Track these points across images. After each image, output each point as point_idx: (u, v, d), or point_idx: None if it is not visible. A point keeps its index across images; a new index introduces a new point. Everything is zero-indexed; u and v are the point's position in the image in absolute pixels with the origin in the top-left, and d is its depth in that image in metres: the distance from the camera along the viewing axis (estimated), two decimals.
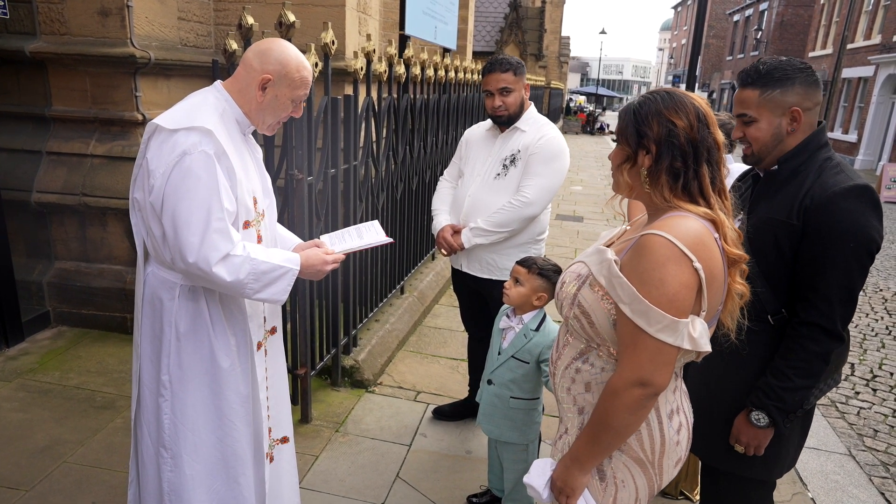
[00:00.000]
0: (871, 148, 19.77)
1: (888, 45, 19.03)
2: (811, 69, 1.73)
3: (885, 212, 8.59)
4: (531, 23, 21.55)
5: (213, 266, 1.60)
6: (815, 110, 1.73)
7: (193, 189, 1.58)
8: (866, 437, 3.56)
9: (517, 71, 2.72)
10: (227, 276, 1.63)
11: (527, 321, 2.23)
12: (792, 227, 1.66)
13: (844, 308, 1.63)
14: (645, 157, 1.31)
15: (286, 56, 1.73)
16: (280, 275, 1.73)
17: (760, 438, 1.74)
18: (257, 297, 1.72)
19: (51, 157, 3.94)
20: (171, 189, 1.58)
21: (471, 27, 10.47)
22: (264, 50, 1.73)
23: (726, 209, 1.33)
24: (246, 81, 1.74)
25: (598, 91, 44.15)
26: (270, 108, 1.78)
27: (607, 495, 1.39)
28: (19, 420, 2.97)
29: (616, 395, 1.28)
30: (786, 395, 1.66)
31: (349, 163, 3.33)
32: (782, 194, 1.72)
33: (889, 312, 5.90)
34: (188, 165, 1.58)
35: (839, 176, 1.64)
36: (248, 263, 1.66)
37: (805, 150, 1.71)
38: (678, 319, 1.22)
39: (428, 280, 5.00)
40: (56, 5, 3.76)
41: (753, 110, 1.72)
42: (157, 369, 1.76)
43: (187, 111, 1.67)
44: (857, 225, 1.59)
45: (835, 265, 1.60)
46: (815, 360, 1.65)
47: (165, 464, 1.79)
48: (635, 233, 1.38)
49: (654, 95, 1.33)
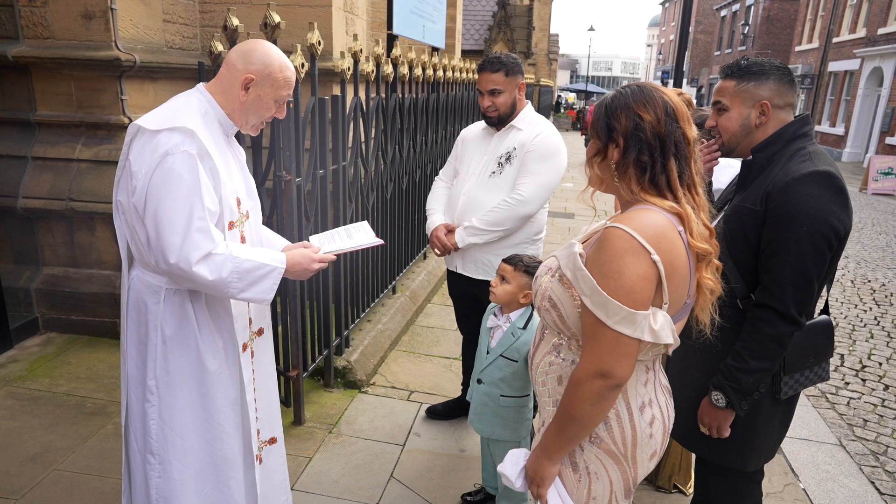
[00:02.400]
0: (858, 140, 19.95)
1: (873, 38, 19.20)
2: (788, 70, 1.78)
3: (872, 203, 8.59)
4: (520, 20, 21.56)
5: (194, 265, 1.59)
6: (788, 110, 1.77)
7: (175, 189, 1.57)
8: (856, 427, 3.60)
9: (509, 71, 2.66)
10: (209, 275, 1.61)
11: (514, 319, 2.24)
12: (756, 214, 1.69)
13: (798, 291, 1.62)
14: (614, 151, 1.33)
15: (269, 56, 1.73)
16: (265, 273, 1.71)
17: (721, 419, 1.76)
18: (242, 297, 1.71)
19: (37, 162, 3.90)
20: (153, 189, 1.57)
21: (459, 26, 10.47)
22: (247, 50, 1.73)
23: (696, 204, 1.33)
24: (229, 82, 1.74)
25: (587, 88, 44.18)
26: (254, 109, 1.77)
27: (581, 487, 1.40)
28: (9, 428, 2.94)
29: (578, 386, 1.29)
30: (741, 376, 1.68)
31: (338, 163, 3.32)
32: (756, 183, 1.76)
33: (877, 303, 5.95)
34: (170, 165, 1.57)
35: (804, 163, 1.66)
36: (231, 262, 1.64)
37: (779, 139, 1.75)
38: (636, 311, 1.23)
39: (420, 279, 5.00)
40: (39, 9, 3.72)
41: (727, 99, 1.79)
42: (144, 374, 1.75)
43: (169, 112, 1.67)
44: (811, 209, 1.59)
45: (787, 249, 1.61)
46: (769, 342, 1.65)
47: (153, 470, 1.78)
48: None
49: (625, 90, 1.35)
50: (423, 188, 4.76)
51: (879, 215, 10.80)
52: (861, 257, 7.73)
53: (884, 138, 17.84)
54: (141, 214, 1.61)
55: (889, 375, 4.32)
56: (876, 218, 10.52)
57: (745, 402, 1.71)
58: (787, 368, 1.76)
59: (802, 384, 1.81)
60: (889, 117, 17.73)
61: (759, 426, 1.80)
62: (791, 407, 1.88)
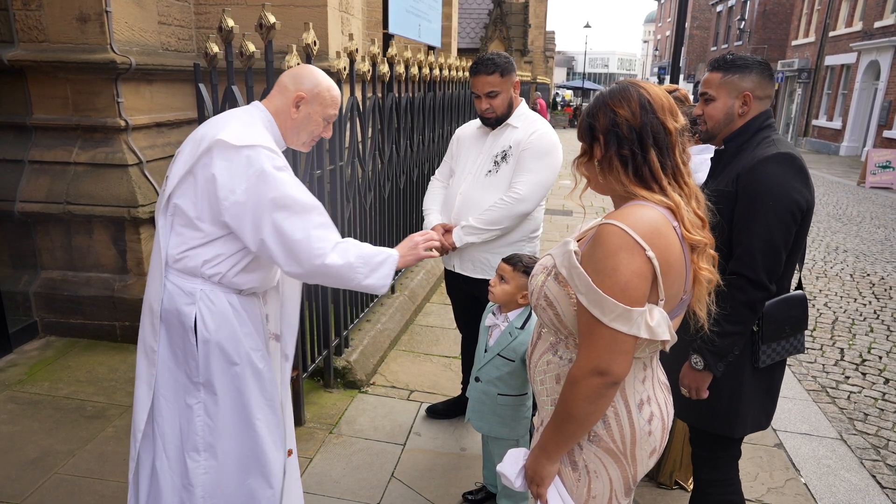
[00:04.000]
0: (856, 134, 19.95)
1: (869, 31, 19.20)
2: (768, 65, 1.98)
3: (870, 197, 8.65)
4: (515, 18, 21.56)
5: (327, 257, 1.72)
6: (766, 102, 1.96)
7: (285, 197, 1.69)
8: (857, 421, 3.60)
9: (504, 71, 2.65)
10: (340, 260, 1.74)
11: (512, 319, 2.24)
12: (729, 194, 1.84)
13: (766, 260, 1.78)
14: (597, 149, 1.36)
15: (318, 77, 1.89)
16: (383, 259, 1.84)
17: (699, 381, 1.91)
18: (365, 284, 1.81)
19: (33, 165, 3.89)
20: (263, 203, 1.68)
21: (455, 24, 10.46)
22: (297, 73, 1.90)
23: (685, 193, 1.34)
24: (281, 101, 1.88)
25: (584, 85, 44.27)
26: (304, 126, 1.91)
27: (581, 486, 1.40)
28: (9, 432, 2.94)
29: (575, 384, 1.29)
30: (716, 339, 1.78)
31: (335, 163, 3.32)
32: (727, 169, 1.94)
33: (877, 297, 5.96)
34: (274, 177, 1.69)
35: (769, 147, 1.86)
36: (355, 248, 1.79)
37: (747, 130, 1.94)
38: (632, 308, 1.22)
39: (419, 279, 5.00)
40: (34, 12, 3.71)
41: (714, 90, 1.96)
42: (184, 375, 1.81)
43: (243, 127, 1.76)
44: (776, 185, 1.78)
45: (755, 220, 1.79)
46: (742, 307, 1.80)
47: (199, 467, 1.82)
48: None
49: (605, 90, 1.38)
50: (421, 187, 4.75)
51: (878, 209, 10.80)
52: (860, 251, 7.73)
53: (881, 132, 17.84)
54: (242, 226, 1.70)
55: (889, 369, 4.33)
56: (874, 212, 10.52)
57: (721, 364, 1.86)
58: (765, 338, 1.89)
59: (780, 354, 1.95)
60: (886, 111, 17.73)
61: (743, 395, 1.94)
62: (775, 378, 2.02)
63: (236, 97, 2.82)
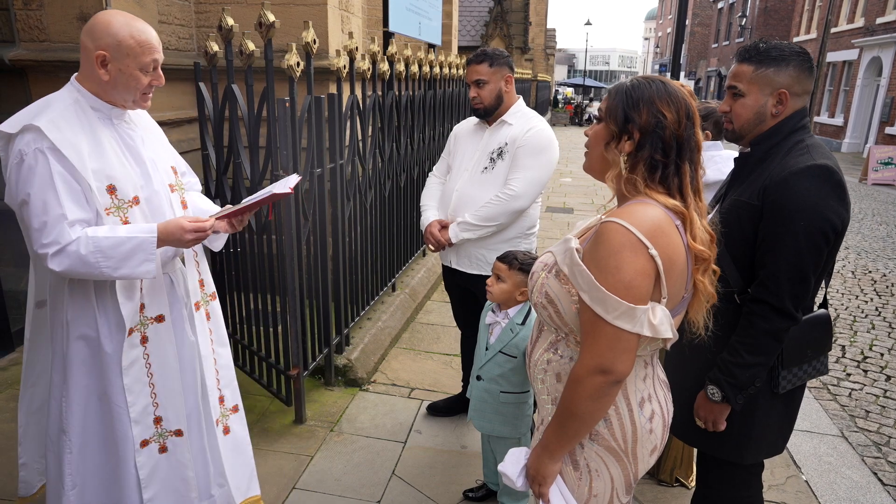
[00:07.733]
0: (858, 131, 19.90)
1: (871, 27, 19.15)
2: (808, 55, 1.71)
3: (872, 194, 8.59)
4: (516, 16, 21.52)
5: (50, 258, 1.64)
6: (804, 98, 1.71)
7: (31, 186, 1.63)
8: (858, 419, 3.60)
9: (493, 62, 2.68)
10: (68, 260, 1.64)
11: (512, 315, 2.24)
12: (753, 208, 1.66)
13: (793, 286, 1.60)
14: (626, 142, 1.30)
15: (114, 27, 1.63)
16: (132, 247, 1.66)
17: (716, 413, 1.75)
18: (120, 275, 1.68)
19: None
20: (17, 190, 1.65)
21: (455, 22, 10.44)
22: (90, 28, 1.64)
23: (700, 210, 1.33)
24: (87, 64, 1.67)
25: (585, 82, 44.19)
26: (122, 84, 1.69)
27: (582, 484, 1.40)
28: (11, 431, 2.94)
29: (578, 382, 1.28)
30: (736, 370, 1.67)
31: (335, 161, 3.32)
32: (753, 177, 1.73)
33: (878, 294, 5.95)
34: (27, 164, 1.62)
35: (803, 156, 1.63)
36: (89, 243, 1.64)
37: (778, 132, 1.71)
38: (635, 306, 1.22)
39: (419, 276, 5.00)
40: (34, 12, 3.71)
41: (744, 84, 1.71)
42: (52, 358, 1.87)
43: (30, 111, 1.69)
44: (808, 203, 1.56)
45: (784, 243, 1.59)
46: (764, 337, 1.64)
47: (66, 446, 1.85)
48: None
49: (648, 82, 1.30)
50: (422, 185, 4.73)
51: (880, 205, 10.78)
52: (861, 248, 7.72)
53: (883, 128, 17.79)
54: (18, 214, 1.70)
55: (891, 366, 4.32)
56: (876, 208, 10.50)
57: (741, 396, 1.70)
58: (785, 363, 1.74)
59: (801, 378, 1.79)
60: (888, 107, 17.68)
61: (756, 420, 1.78)
62: (793, 402, 1.86)
63: (236, 96, 2.83)
